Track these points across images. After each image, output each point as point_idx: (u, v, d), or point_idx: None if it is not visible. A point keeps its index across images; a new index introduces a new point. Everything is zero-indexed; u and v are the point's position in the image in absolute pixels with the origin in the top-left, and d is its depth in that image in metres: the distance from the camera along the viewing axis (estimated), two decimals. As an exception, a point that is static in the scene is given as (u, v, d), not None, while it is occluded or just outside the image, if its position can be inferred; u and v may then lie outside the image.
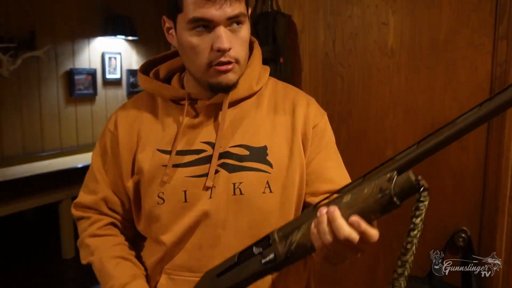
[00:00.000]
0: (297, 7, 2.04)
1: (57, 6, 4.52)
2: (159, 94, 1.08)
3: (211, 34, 0.94)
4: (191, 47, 0.97)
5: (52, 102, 4.56)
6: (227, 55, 0.95)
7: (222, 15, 0.92)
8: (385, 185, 0.66)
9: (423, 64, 1.85)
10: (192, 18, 0.93)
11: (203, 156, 1.02)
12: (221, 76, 0.97)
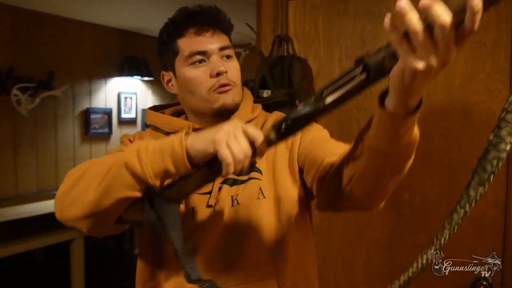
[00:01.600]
0: (313, 52, 2.07)
1: (75, 47, 4.64)
2: (165, 126, 1.16)
3: (207, 65, 1.08)
4: (191, 80, 1.08)
5: (67, 141, 4.61)
6: (225, 77, 1.07)
7: (214, 46, 1.08)
8: None
9: (439, 108, 1.86)
10: (189, 53, 1.07)
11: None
12: (223, 97, 1.08)
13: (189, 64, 1.08)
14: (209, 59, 1.08)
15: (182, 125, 1.13)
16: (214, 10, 1.11)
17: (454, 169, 1.83)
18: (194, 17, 1.09)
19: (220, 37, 1.10)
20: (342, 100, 0.72)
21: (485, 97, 1.79)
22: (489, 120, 1.78)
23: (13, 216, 3.64)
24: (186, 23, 1.08)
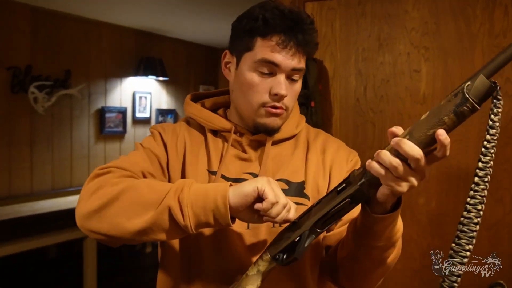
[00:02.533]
0: (329, 54, 2.07)
1: (92, 47, 4.69)
2: (205, 123, 1.11)
3: (272, 79, 1.00)
4: (250, 85, 1.01)
5: (82, 139, 4.65)
6: (281, 102, 1.01)
7: (288, 65, 0.98)
8: (458, 89, 0.68)
9: (456, 112, 1.84)
10: (262, 58, 0.98)
11: None
12: (270, 118, 1.03)
13: (255, 69, 1.00)
14: (277, 74, 1.00)
15: (223, 126, 1.09)
16: (308, 27, 0.99)
17: (471, 174, 1.81)
18: (287, 25, 0.97)
19: (299, 57, 1.00)
20: (331, 225, 0.85)
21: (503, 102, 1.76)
22: (508, 125, 1.76)
23: (28, 213, 3.68)
24: (275, 26, 0.97)
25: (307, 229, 0.84)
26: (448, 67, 1.84)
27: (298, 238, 0.85)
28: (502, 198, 1.77)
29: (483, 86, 0.66)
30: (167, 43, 5.48)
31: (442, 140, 0.69)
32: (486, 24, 1.79)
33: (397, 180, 0.74)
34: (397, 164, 0.72)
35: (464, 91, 0.67)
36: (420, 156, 0.71)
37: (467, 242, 0.70)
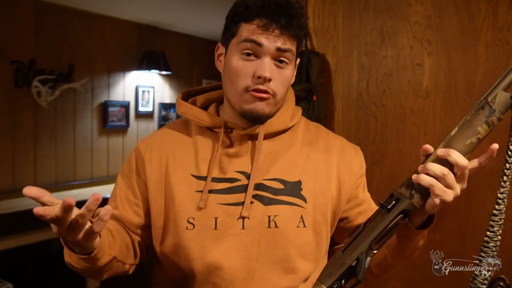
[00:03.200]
0: (331, 47, 2.06)
1: (96, 41, 4.69)
2: (195, 121, 1.09)
3: (256, 62, 0.97)
4: (235, 70, 0.99)
5: (85, 133, 4.67)
6: (266, 84, 0.97)
7: (271, 44, 0.96)
8: (482, 103, 0.82)
9: (459, 107, 1.83)
10: (244, 38, 0.97)
11: (237, 185, 1.02)
12: (255, 103, 0.99)
13: (240, 52, 0.98)
14: (261, 57, 0.97)
15: (214, 122, 1.07)
16: (295, 11, 0.98)
17: (473, 169, 1.81)
18: (270, 9, 0.96)
19: (284, 39, 0.97)
20: (386, 241, 0.90)
21: None
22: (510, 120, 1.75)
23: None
24: (258, 10, 0.96)
25: (364, 250, 0.89)
26: (451, 61, 1.83)
27: (356, 262, 0.89)
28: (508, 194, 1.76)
29: (505, 99, 0.80)
30: (170, 37, 5.47)
31: (494, 152, 0.85)
32: (490, 17, 1.77)
33: (445, 189, 0.82)
34: (447, 172, 0.82)
35: (489, 103, 0.81)
36: (467, 163, 0.82)
37: (498, 228, 0.84)
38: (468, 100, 1.81)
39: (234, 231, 1.00)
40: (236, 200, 1.01)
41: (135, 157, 1.12)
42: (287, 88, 1.04)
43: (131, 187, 1.10)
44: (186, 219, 1.01)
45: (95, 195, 0.73)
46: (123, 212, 1.08)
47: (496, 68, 1.76)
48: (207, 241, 1.00)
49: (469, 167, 0.83)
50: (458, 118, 1.81)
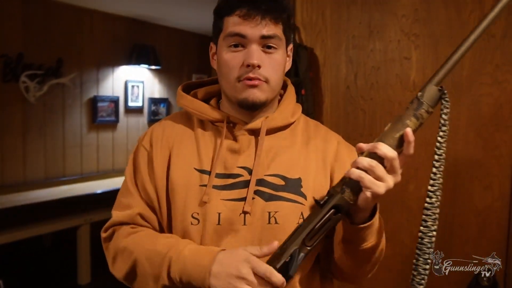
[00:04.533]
0: (320, 41, 2.06)
1: (84, 35, 4.65)
2: (197, 114, 1.09)
3: (244, 52, 0.99)
4: (225, 63, 1.01)
5: (75, 128, 4.64)
6: (256, 71, 0.98)
7: (255, 33, 0.97)
8: (413, 99, 0.84)
9: (446, 99, 1.84)
10: (228, 32, 0.99)
11: (239, 180, 1.02)
12: (248, 91, 1.00)
13: (227, 45, 1.00)
14: (248, 46, 0.99)
15: (216, 116, 1.06)
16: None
17: (460, 161, 1.83)
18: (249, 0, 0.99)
19: (267, 25, 0.98)
20: (322, 238, 0.89)
21: (493, 89, 1.77)
22: (497, 112, 1.77)
23: (21, 202, 3.67)
24: (237, 2, 0.99)
25: (297, 246, 0.88)
26: (438, 54, 1.85)
27: (290, 258, 0.88)
28: (491, 185, 1.78)
29: (433, 92, 0.83)
30: (160, 32, 5.45)
31: (409, 137, 0.82)
32: (476, 11, 1.79)
33: (375, 181, 0.82)
34: (375, 164, 0.82)
35: (418, 97, 0.83)
36: (395, 155, 0.82)
37: (432, 223, 0.83)
38: (455, 93, 1.83)
39: (236, 226, 1.00)
40: (239, 195, 1.01)
41: (144, 156, 1.10)
42: (281, 73, 1.04)
43: (143, 187, 1.08)
44: (191, 214, 1.01)
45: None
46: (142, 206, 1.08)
47: (482, 61, 1.78)
48: (210, 237, 1.00)
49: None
50: (445, 111, 1.84)
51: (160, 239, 1.00)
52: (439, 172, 0.83)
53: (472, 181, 1.81)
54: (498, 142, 1.77)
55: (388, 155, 0.82)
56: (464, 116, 1.81)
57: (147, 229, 1.06)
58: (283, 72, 1.06)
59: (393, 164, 0.82)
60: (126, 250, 1.02)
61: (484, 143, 1.78)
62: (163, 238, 1.00)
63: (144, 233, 1.04)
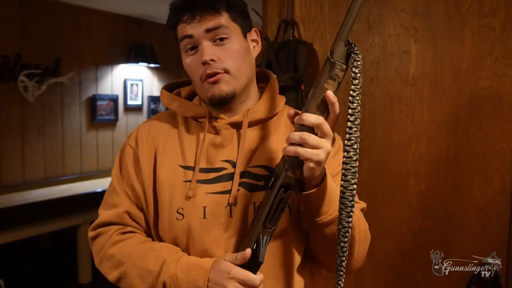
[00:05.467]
0: (318, 36, 2.05)
1: (82, 34, 4.64)
2: (180, 111, 1.10)
3: (199, 52, 1.01)
4: (187, 67, 1.05)
5: (74, 127, 4.63)
6: (212, 66, 1.00)
7: (199, 30, 1.00)
8: (325, 60, 0.83)
9: (446, 93, 1.84)
10: (179, 38, 1.04)
11: (223, 174, 1.03)
12: (212, 88, 1.01)
13: (184, 51, 1.04)
14: (200, 45, 1.01)
15: (198, 112, 1.08)
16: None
17: (461, 155, 1.82)
18: (184, 2, 1.02)
19: (209, 19, 1.00)
20: (280, 218, 0.92)
21: (493, 82, 1.76)
22: (497, 106, 1.76)
23: (20, 202, 3.67)
24: (178, 11, 1.03)
25: (260, 232, 0.90)
26: (438, 48, 1.84)
27: (255, 245, 0.91)
28: (492, 179, 1.77)
29: (341, 48, 0.82)
30: (158, 30, 5.43)
31: (330, 98, 0.82)
32: (475, 4, 1.78)
33: (312, 151, 0.83)
34: (307, 136, 0.83)
35: (329, 58, 0.82)
36: (321, 120, 0.83)
37: (352, 177, 0.83)
38: (455, 87, 1.82)
39: (222, 219, 1.01)
40: (223, 188, 1.01)
41: (130, 154, 1.12)
42: (241, 60, 1.03)
43: (130, 185, 1.10)
44: (176, 210, 1.02)
45: None
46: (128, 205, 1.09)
47: (482, 54, 1.77)
48: (196, 231, 1.00)
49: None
50: (445, 105, 1.83)
51: (150, 255, 1.01)
52: (354, 126, 0.82)
53: (472, 175, 1.80)
54: (498, 135, 1.76)
55: (314, 122, 0.83)
56: (464, 109, 1.80)
57: (134, 237, 1.07)
58: (245, 59, 1.05)
59: (323, 129, 0.83)
60: (114, 258, 1.05)
61: (484, 136, 1.77)
62: (153, 252, 1.01)
63: (132, 243, 1.05)
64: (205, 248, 1.01)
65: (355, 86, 0.82)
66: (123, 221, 1.08)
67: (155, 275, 0.98)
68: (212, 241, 1.01)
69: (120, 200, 1.09)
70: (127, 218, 1.08)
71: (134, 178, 1.09)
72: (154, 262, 0.99)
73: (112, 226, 1.09)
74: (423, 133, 1.88)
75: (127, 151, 1.12)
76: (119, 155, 1.15)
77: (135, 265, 1.01)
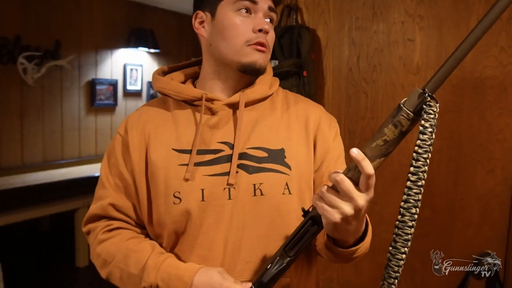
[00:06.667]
0: (322, 22, 2.03)
1: (82, 17, 4.60)
2: (174, 94, 1.09)
3: (252, 19, 1.02)
4: (232, 27, 1.02)
5: (73, 111, 4.61)
6: (264, 37, 1.02)
7: (265, 2, 1.03)
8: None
9: (450, 82, 1.82)
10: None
11: (221, 155, 1.02)
12: (257, 54, 1.02)
13: (235, 10, 1.02)
14: (256, 14, 1.03)
15: (194, 94, 1.06)
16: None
17: (464, 145, 1.81)
18: None
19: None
20: (303, 249, 0.88)
21: (497, 71, 1.74)
22: (501, 95, 1.74)
23: (19, 185, 3.66)
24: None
25: (278, 255, 0.89)
26: (443, 36, 1.81)
27: (269, 265, 0.89)
28: (494, 169, 1.76)
29: (415, 95, 0.73)
30: (159, 15, 5.39)
31: (354, 156, 0.73)
32: (482, -8, 1.75)
33: (327, 208, 0.78)
34: (325, 190, 0.78)
35: (400, 103, 0.74)
36: (354, 192, 0.76)
37: (402, 245, 0.74)
38: (459, 76, 1.80)
39: (221, 201, 1.00)
40: (221, 170, 1.00)
41: (118, 142, 1.10)
42: (272, 47, 1.08)
43: (118, 173, 1.08)
44: (172, 194, 1.00)
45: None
46: (113, 196, 1.08)
47: (487, 43, 1.75)
48: (195, 213, 0.99)
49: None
50: (448, 94, 1.81)
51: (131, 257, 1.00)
52: (415, 187, 0.73)
53: (475, 164, 1.79)
54: (502, 125, 1.75)
55: (346, 191, 0.76)
56: (468, 99, 1.78)
57: (119, 235, 1.07)
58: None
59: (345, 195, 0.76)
60: (100, 258, 1.06)
61: (487, 126, 1.76)
62: (134, 254, 1.00)
63: (116, 241, 1.05)
64: (204, 230, 1.00)
65: (422, 141, 0.72)
66: (107, 213, 1.08)
67: (136, 280, 0.97)
68: (210, 224, 1.00)
69: (105, 193, 1.08)
70: (111, 209, 1.08)
71: (122, 165, 1.07)
72: (135, 266, 0.98)
73: (100, 223, 1.09)
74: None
75: (116, 140, 1.11)
76: (108, 147, 1.14)
77: (118, 267, 1.02)
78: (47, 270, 3.81)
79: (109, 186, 1.08)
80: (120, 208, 1.08)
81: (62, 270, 3.83)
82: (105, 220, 1.09)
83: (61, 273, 3.77)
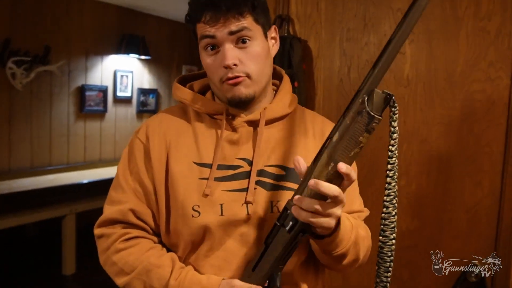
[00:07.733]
0: (314, 33, 2.04)
1: (72, 23, 4.58)
2: (196, 107, 1.08)
3: (220, 54, 0.99)
4: (207, 67, 1.03)
5: (62, 117, 4.57)
6: (234, 70, 0.98)
7: (223, 32, 0.97)
8: (360, 107, 0.77)
9: (439, 95, 1.84)
10: (200, 36, 1.01)
11: (240, 171, 1.02)
12: (233, 90, 1.00)
13: (204, 49, 1.01)
14: (222, 46, 0.98)
15: (216, 109, 1.06)
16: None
17: (452, 157, 1.83)
18: (209, 1, 0.97)
19: (233, 22, 0.97)
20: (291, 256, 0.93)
21: (486, 85, 1.77)
22: (489, 109, 1.77)
23: (5, 191, 3.61)
24: (201, 10, 0.98)
25: (273, 271, 0.92)
26: (433, 50, 1.84)
27: (268, 282, 0.92)
28: (481, 181, 1.78)
29: (381, 99, 0.77)
30: (150, 21, 5.39)
31: (343, 172, 0.79)
32: (471, 7, 1.78)
33: (324, 220, 0.83)
34: (319, 207, 0.81)
35: (367, 110, 0.76)
36: (338, 192, 0.80)
37: (391, 232, 0.82)
38: (448, 89, 1.82)
39: (239, 217, 1.00)
40: (240, 186, 1.01)
41: (139, 148, 1.09)
42: (262, 63, 1.02)
43: (139, 181, 1.07)
44: (191, 207, 1.00)
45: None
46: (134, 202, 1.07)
47: (476, 57, 1.78)
48: (214, 228, 1.00)
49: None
50: (437, 106, 1.83)
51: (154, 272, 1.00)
52: (393, 181, 0.81)
53: (463, 177, 1.81)
54: (489, 139, 1.77)
55: (330, 195, 0.80)
56: (457, 111, 1.81)
57: (137, 245, 1.05)
58: (265, 61, 1.04)
59: (337, 199, 0.81)
60: (116, 266, 1.04)
61: (476, 139, 1.78)
62: (156, 269, 1.00)
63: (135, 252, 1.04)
64: (222, 242, 1.01)
65: (394, 140, 0.80)
66: (127, 218, 1.06)
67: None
68: (228, 237, 1.01)
69: (125, 197, 1.07)
70: (131, 216, 1.06)
71: (143, 172, 1.06)
72: (158, 281, 0.99)
73: (116, 230, 1.07)
74: (415, 134, 1.88)
75: (137, 146, 1.09)
76: (127, 149, 1.12)
77: (140, 279, 1.01)
78: (33, 278, 3.75)
79: (129, 191, 1.07)
80: (140, 215, 1.06)
81: (48, 278, 3.78)
82: (121, 225, 1.07)
83: (48, 281, 3.72)
